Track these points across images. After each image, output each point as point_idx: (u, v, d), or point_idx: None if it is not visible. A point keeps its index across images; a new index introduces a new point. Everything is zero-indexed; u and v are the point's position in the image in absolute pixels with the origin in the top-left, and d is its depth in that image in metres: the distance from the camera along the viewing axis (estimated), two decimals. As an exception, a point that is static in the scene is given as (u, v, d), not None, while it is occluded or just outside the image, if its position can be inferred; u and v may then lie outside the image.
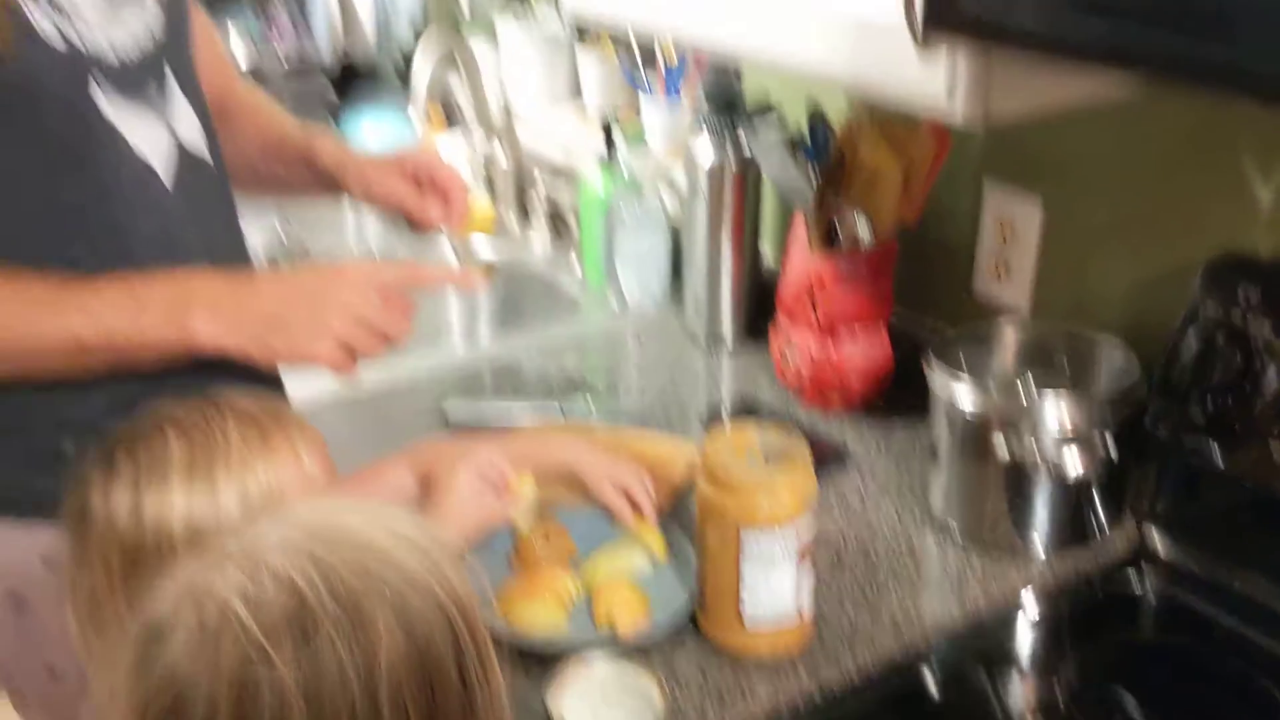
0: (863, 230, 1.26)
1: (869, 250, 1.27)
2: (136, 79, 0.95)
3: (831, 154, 1.27)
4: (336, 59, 2.25)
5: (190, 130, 1.01)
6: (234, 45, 2.13)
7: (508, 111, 1.98)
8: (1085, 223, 1.18)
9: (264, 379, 1.03)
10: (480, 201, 1.95)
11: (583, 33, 2.00)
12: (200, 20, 1.10)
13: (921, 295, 1.36)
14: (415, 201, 1.11)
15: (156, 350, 0.91)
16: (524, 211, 1.98)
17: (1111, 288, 1.17)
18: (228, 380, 0.94)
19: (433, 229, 1.12)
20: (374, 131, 2.24)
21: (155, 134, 0.97)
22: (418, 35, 2.30)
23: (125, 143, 0.95)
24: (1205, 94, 0.71)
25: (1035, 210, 1.22)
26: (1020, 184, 1.23)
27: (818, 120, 1.32)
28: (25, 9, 0.87)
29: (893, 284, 1.30)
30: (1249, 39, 0.56)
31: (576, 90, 2.04)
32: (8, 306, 0.88)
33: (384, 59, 2.35)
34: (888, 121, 1.21)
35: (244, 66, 2.14)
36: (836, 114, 1.32)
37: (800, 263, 1.31)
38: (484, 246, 1.88)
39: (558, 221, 1.91)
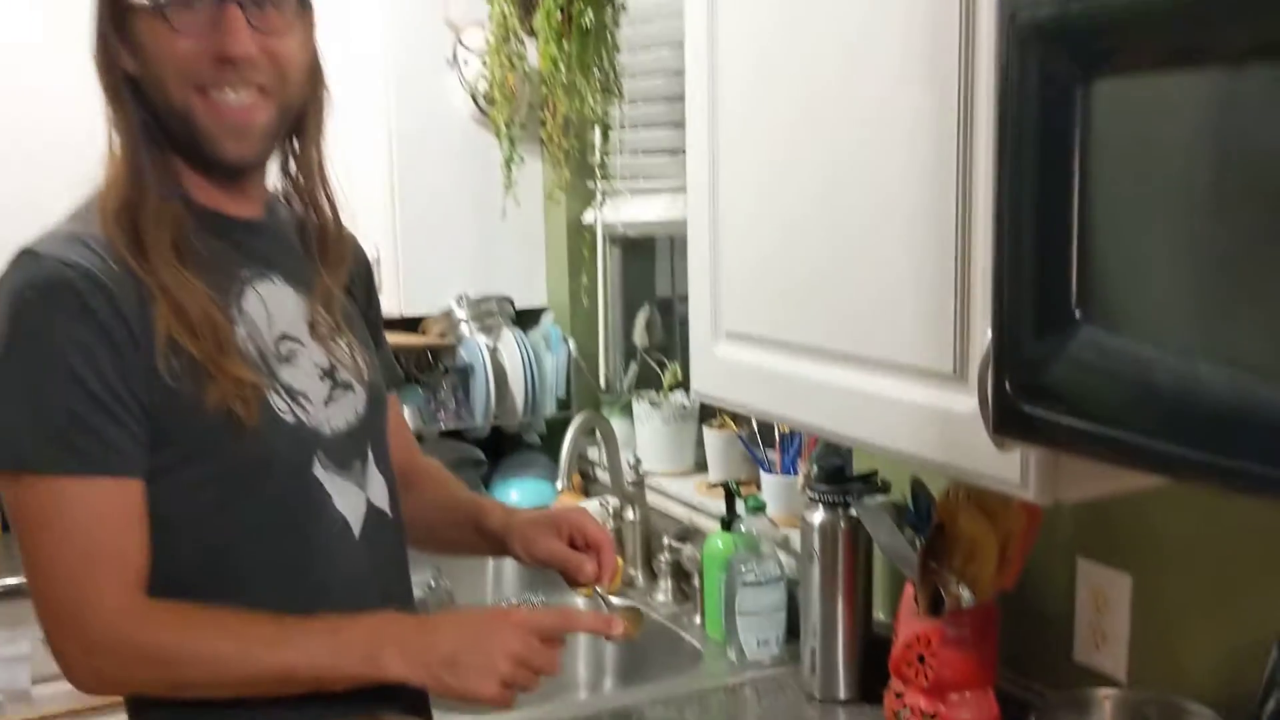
0: (965, 596, 1.37)
1: (972, 614, 1.37)
2: (345, 453, 1.16)
3: (933, 523, 1.40)
4: (488, 426, 2.52)
5: (379, 493, 1.21)
6: (405, 415, 2.43)
7: (639, 477, 2.18)
8: (1174, 593, 1.28)
9: (417, 705, 1.18)
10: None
11: (708, 412, 2.24)
12: (391, 400, 1.34)
13: (1026, 660, 1.44)
14: (572, 559, 1.27)
15: (351, 681, 1.06)
16: (650, 569, 2.14)
17: (1202, 655, 1.24)
18: (388, 706, 1.10)
19: (586, 585, 1.27)
20: (519, 492, 2.48)
21: (354, 499, 1.17)
22: (561, 409, 2.58)
23: (332, 505, 1.14)
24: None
25: (1125, 582, 1.32)
26: (1110, 558, 1.34)
27: (919, 491, 1.47)
28: (268, 393, 1.10)
29: (997, 649, 1.39)
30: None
31: (702, 461, 2.25)
32: (237, 643, 1.04)
33: (530, 429, 2.62)
34: (982, 494, 1.35)
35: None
36: (935, 485, 1.47)
37: (909, 625, 1.42)
38: (619, 600, 2.02)
39: (681, 579, 2.06)
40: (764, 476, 1.98)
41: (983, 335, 0.96)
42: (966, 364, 0.99)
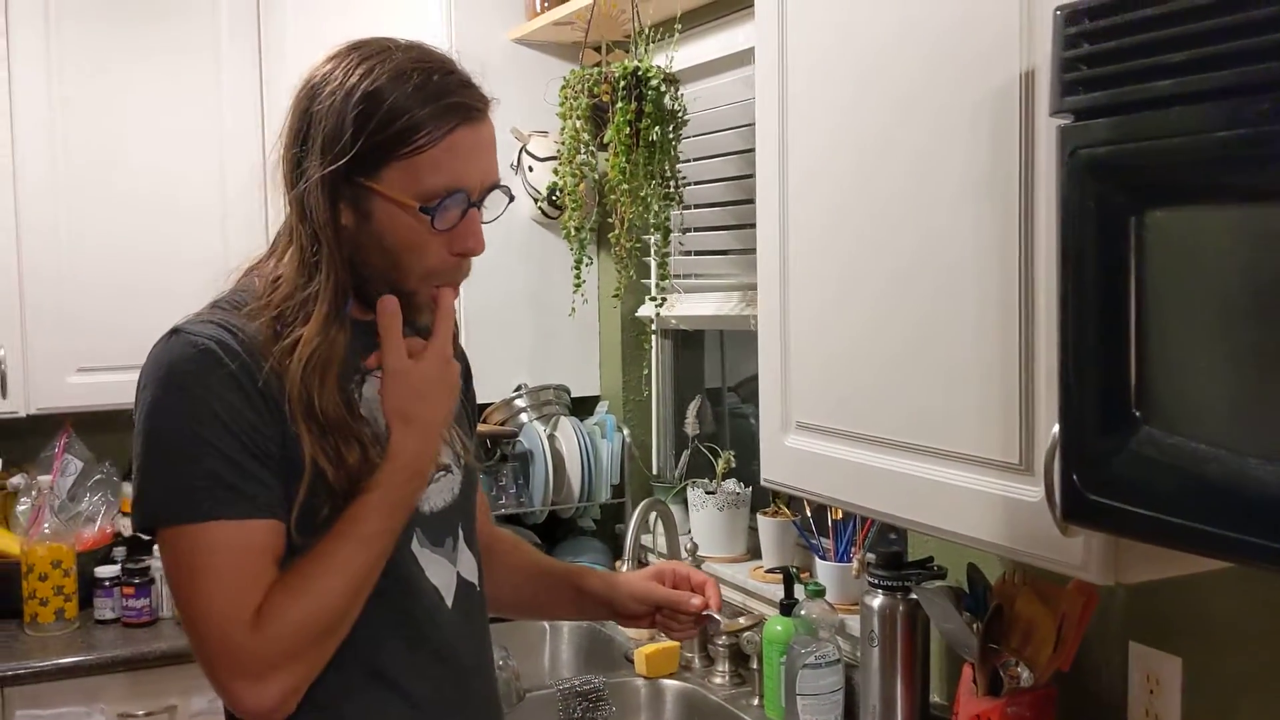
0: (1024, 675, 1.44)
1: (1031, 695, 1.45)
2: (439, 531, 1.27)
3: (990, 606, 1.48)
4: (546, 511, 2.62)
5: (469, 568, 1.31)
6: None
7: (696, 562, 2.27)
8: (1225, 674, 1.35)
9: None
10: (670, 641, 2.20)
11: (761, 500, 2.33)
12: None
13: (1082, 740, 1.50)
14: (681, 596, 1.37)
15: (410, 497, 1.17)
16: (705, 652, 2.21)
17: (1256, 736, 1.31)
18: None
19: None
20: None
21: (446, 572, 1.27)
22: (615, 495, 2.68)
23: (425, 577, 1.24)
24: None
25: (1176, 664, 1.39)
26: (1160, 642, 1.42)
27: (975, 575, 1.55)
28: None
29: (1054, 727, 1.46)
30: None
31: (754, 547, 2.34)
32: (325, 567, 1.10)
33: (585, 514, 2.72)
34: (1038, 579, 1.44)
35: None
36: (990, 570, 1.55)
37: (970, 706, 1.49)
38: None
39: (738, 662, 2.13)
40: (818, 562, 2.07)
41: (1046, 430, 1.07)
42: (1032, 456, 1.09)
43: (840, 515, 2.07)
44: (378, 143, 1.11)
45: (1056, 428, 1.03)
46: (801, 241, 1.42)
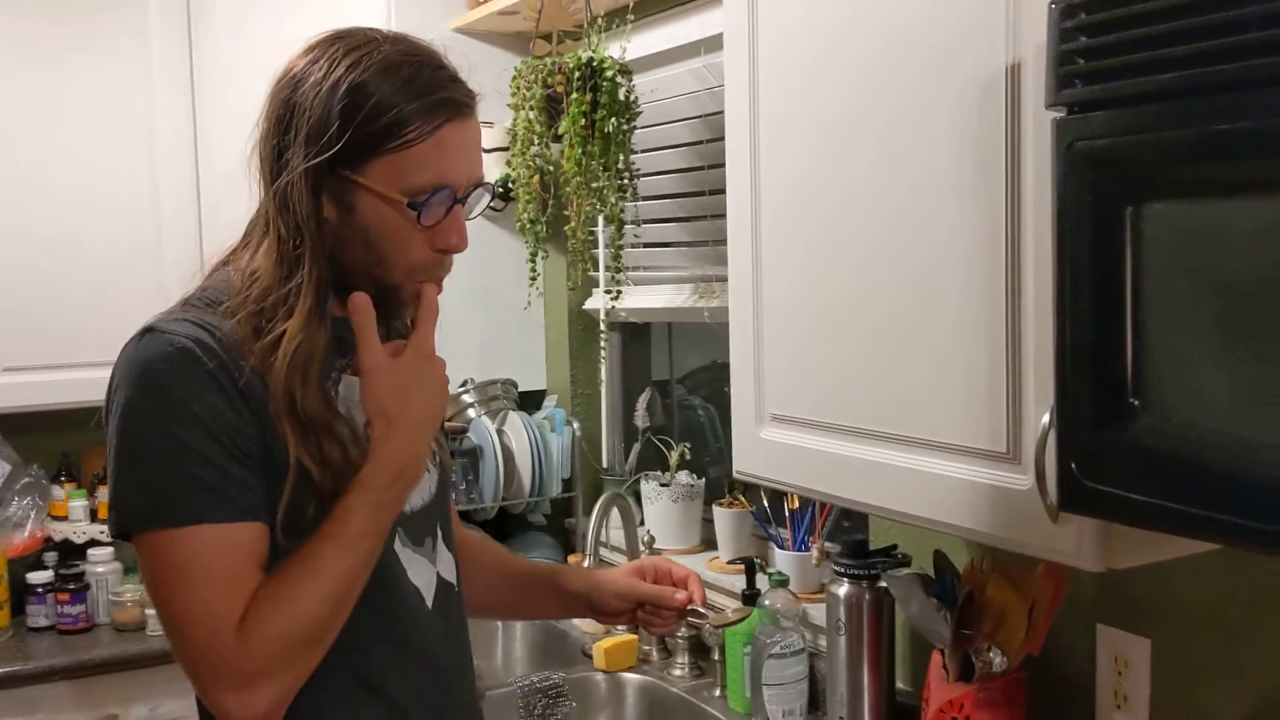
0: (997, 660, 1.47)
1: (1003, 679, 1.47)
2: (419, 530, 1.24)
3: (963, 592, 1.50)
4: (496, 507, 2.59)
5: (447, 568, 1.29)
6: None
7: (653, 554, 2.26)
8: (1192, 655, 1.38)
9: None
10: (628, 634, 2.19)
11: (715, 492, 2.34)
12: None
13: (1049, 721, 1.53)
14: (664, 591, 1.36)
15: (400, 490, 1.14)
16: (663, 644, 2.20)
17: (1225, 712, 1.34)
18: None
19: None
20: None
21: (426, 572, 1.24)
22: (565, 490, 2.66)
23: (407, 578, 1.22)
24: None
25: (1145, 646, 1.42)
26: (1129, 624, 1.45)
27: (942, 562, 1.57)
28: None
29: (1025, 712, 1.48)
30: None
31: (707, 538, 2.34)
32: (312, 571, 1.07)
33: (536, 509, 2.70)
34: (1007, 564, 1.46)
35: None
36: (956, 555, 1.57)
37: (941, 692, 1.51)
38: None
39: (697, 652, 2.13)
40: (777, 552, 2.08)
41: (1035, 418, 1.09)
42: (1019, 445, 1.11)
43: (796, 505, 2.08)
44: (365, 136, 1.08)
45: (1046, 417, 1.05)
46: (773, 230, 1.42)
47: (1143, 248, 0.91)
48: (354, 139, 1.07)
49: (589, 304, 2.68)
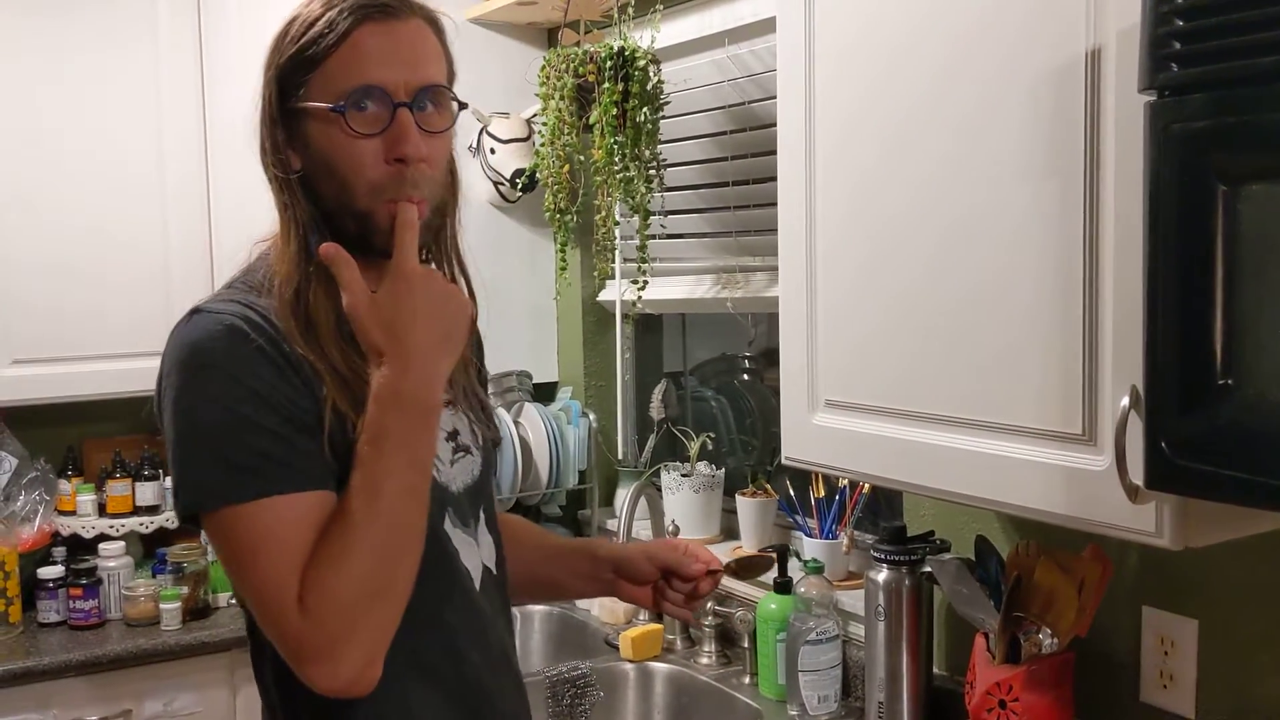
0: (1048, 642, 1.48)
1: (1051, 660, 1.49)
2: (465, 512, 1.24)
3: (1012, 575, 1.52)
4: (514, 499, 2.59)
5: (489, 552, 1.28)
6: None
7: (676, 544, 2.27)
8: (1240, 635, 1.41)
9: None
10: (652, 623, 2.20)
11: (735, 482, 2.35)
12: None
13: (1095, 702, 1.55)
14: (685, 560, 1.37)
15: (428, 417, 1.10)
16: (687, 634, 2.21)
17: (1271, 693, 1.37)
18: None
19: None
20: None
21: (473, 555, 1.24)
22: (581, 480, 2.66)
23: (459, 559, 1.22)
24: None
25: (1192, 626, 1.45)
26: (1174, 605, 1.47)
27: (985, 546, 1.59)
28: None
29: (1073, 692, 1.51)
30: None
31: (727, 528, 2.35)
32: (348, 540, 1.05)
33: (551, 500, 2.69)
34: (1053, 548, 1.48)
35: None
36: (997, 540, 1.59)
37: (988, 674, 1.52)
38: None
39: (724, 641, 2.14)
40: (805, 540, 2.09)
41: (1111, 401, 1.10)
42: (1095, 426, 1.12)
43: (823, 493, 2.10)
44: (293, 58, 1.12)
45: (1126, 399, 1.07)
46: (832, 224, 1.43)
47: (1237, 229, 0.93)
48: (288, 65, 1.13)
49: (605, 295, 2.68)
